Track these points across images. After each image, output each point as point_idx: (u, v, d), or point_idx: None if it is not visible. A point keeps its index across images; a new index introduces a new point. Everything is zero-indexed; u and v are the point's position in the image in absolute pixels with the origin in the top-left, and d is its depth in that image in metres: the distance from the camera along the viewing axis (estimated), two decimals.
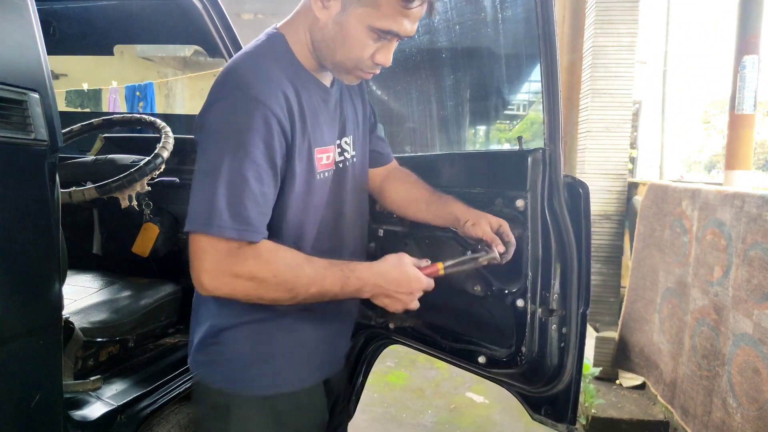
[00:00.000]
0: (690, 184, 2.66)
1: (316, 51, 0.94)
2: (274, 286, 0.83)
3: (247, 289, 0.82)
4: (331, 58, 0.93)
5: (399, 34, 0.89)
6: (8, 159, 0.82)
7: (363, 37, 0.88)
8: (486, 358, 1.26)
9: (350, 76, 0.96)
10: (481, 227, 1.08)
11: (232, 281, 0.81)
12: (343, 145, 1.04)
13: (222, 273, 0.81)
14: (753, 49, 3.22)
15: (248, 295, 0.83)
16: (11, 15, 0.84)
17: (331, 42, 0.90)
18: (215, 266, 0.81)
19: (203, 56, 7.46)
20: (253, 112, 0.83)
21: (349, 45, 0.89)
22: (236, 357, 0.97)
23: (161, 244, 1.71)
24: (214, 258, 0.81)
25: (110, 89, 6.07)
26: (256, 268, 0.82)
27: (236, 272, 0.81)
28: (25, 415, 0.88)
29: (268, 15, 7.19)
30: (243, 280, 0.82)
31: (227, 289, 0.82)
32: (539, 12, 1.07)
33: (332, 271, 0.87)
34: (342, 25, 0.88)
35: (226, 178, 0.81)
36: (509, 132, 12.91)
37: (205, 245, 0.81)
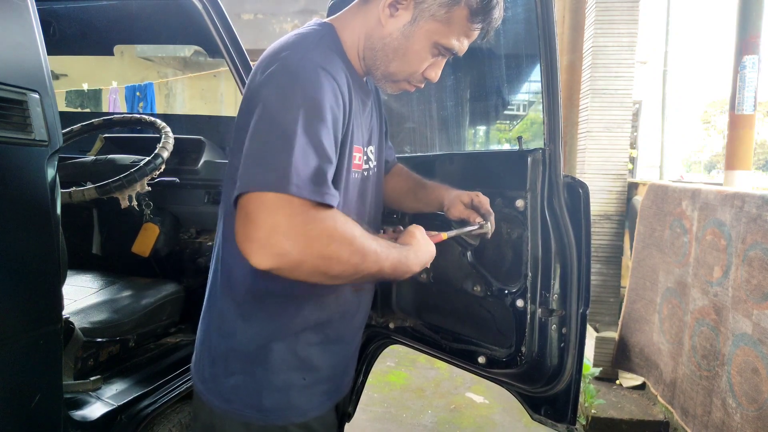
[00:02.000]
0: (690, 184, 2.66)
1: (367, 58, 0.91)
2: (348, 254, 0.73)
3: (322, 252, 0.71)
4: (384, 68, 0.91)
5: (457, 53, 0.90)
6: (8, 159, 0.83)
7: (425, 51, 0.88)
8: (486, 358, 1.26)
9: (395, 86, 0.94)
10: (456, 208, 1.10)
11: (306, 244, 0.69)
12: (369, 153, 1.02)
13: (297, 233, 0.69)
14: (753, 49, 3.22)
15: (321, 259, 0.71)
16: (11, 15, 0.84)
17: (391, 52, 0.88)
18: (290, 224, 0.69)
19: (203, 56, 7.46)
20: (322, 80, 0.77)
21: (410, 57, 0.88)
22: (251, 384, 0.90)
23: (161, 244, 1.71)
24: (288, 215, 0.69)
25: (110, 89, 6.07)
26: (335, 231, 0.72)
27: (314, 233, 0.70)
28: (25, 415, 0.88)
29: (268, 15, 7.19)
30: (320, 243, 0.70)
31: (298, 252, 0.69)
32: (539, 12, 1.07)
33: (388, 249, 0.82)
34: (408, 37, 0.87)
35: (302, 139, 0.72)
36: (509, 132, 12.91)
37: (276, 202, 0.69)
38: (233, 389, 0.90)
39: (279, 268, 0.70)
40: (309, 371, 0.94)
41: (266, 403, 0.90)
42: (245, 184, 0.71)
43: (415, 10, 0.85)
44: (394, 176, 1.26)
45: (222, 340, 0.92)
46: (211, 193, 1.75)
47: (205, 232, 1.82)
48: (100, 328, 1.35)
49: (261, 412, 0.90)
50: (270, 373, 0.90)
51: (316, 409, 0.96)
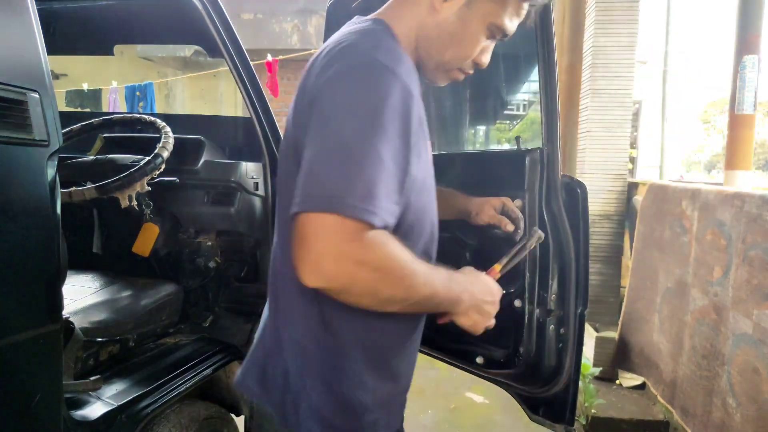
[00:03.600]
0: (690, 184, 2.66)
1: (422, 48, 0.87)
2: (395, 280, 0.72)
3: (369, 280, 0.69)
4: (439, 56, 0.87)
5: (507, 34, 0.87)
6: (8, 159, 0.83)
7: (480, 34, 0.85)
8: (484, 358, 1.26)
9: (447, 75, 0.92)
10: (486, 213, 1.08)
11: (355, 269, 0.68)
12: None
13: (346, 258, 0.67)
14: (753, 49, 3.22)
15: (364, 289, 0.70)
16: (11, 15, 0.84)
17: (448, 38, 0.85)
18: (339, 249, 0.67)
19: (203, 56, 7.45)
20: (391, 86, 0.72)
21: (466, 42, 0.86)
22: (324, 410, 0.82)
23: (161, 244, 1.72)
24: (339, 240, 0.67)
25: (110, 89, 6.06)
26: (383, 257, 0.70)
27: (362, 259, 0.68)
28: (25, 415, 0.88)
29: (268, 15, 7.19)
30: (367, 270, 0.69)
31: (346, 277, 0.68)
32: (537, 12, 1.07)
33: (438, 272, 0.79)
34: (464, 21, 0.84)
35: (360, 154, 0.69)
36: (509, 132, 12.90)
37: (329, 225, 0.67)
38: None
39: (328, 289, 0.70)
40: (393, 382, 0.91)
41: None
42: (301, 202, 0.69)
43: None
44: None
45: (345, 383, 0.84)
46: (211, 193, 1.75)
47: (205, 232, 1.82)
48: (100, 328, 1.35)
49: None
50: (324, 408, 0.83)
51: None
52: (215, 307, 1.81)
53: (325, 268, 0.68)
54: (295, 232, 0.70)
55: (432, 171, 0.90)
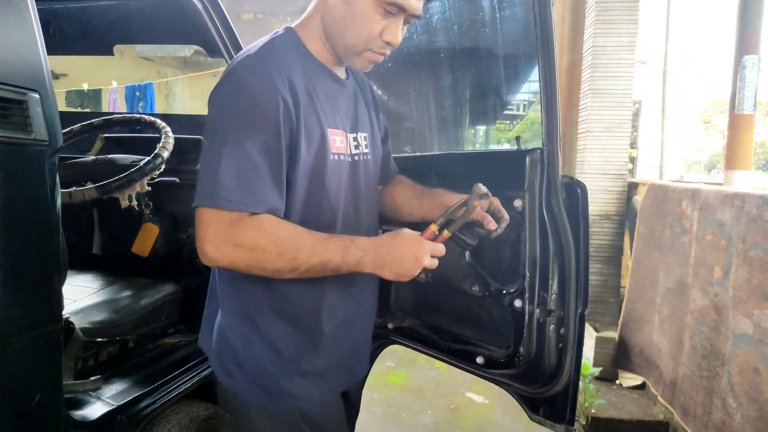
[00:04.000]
0: (690, 184, 2.66)
1: (328, 39, 0.95)
2: (275, 256, 0.84)
3: (249, 258, 0.84)
4: (342, 42, 0.94)
5: (404, 8, 0.90)
6: (8, 159, 0.83)
7: (371, 12, 0.89)
8: (484, 358, 1.26)
9: (361, 59, 0.96)
10: (476, 211, 1.08)
11: (233, 251, 0.83)
12: (360, 139, 1.05)
13: (224, 243, 0.83)
14: (753, 49, 3.22)
15: (249, 264, 0.85)
16: (11, 15, 0.84)
17: (341, 22, 0.92)
18: (218, 236, 0.83)
19: (203, 56, 7.46)
20: (256, 92, 0.86)
21: (358, 22, 0.90)
22: (253, 367, 0.97)
23: (161, 244, 1.71)
24: (216, 228, 0.83)
25: (110, 89, 6.07)
26: (258, 238, 0.83)
27: (238, 242, 0.83)
28: (25, 415, 0.88)
29: (268, 15, 7.19)
30: (245, 250, 0.83)
31: (228, 259, 0.84)
32: (537, 12, 1.07)
33: (333, 241, 0.88)
34: (350, 3, 0.90)
35: (229, 153, 0.84)
36: (509, 132, 12.91)
37: (208, 217, 0.84)
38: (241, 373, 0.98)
39: (218, 266, 0.88)
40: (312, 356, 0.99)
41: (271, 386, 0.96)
42: (195, 197, 0.85)
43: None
44: (395, 185, 1.25)
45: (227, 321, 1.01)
46: None
47: None
48: (100, 328, 1.35)
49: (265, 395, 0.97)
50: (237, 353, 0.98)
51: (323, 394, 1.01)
52: None
53: (209, 253, 0.84)
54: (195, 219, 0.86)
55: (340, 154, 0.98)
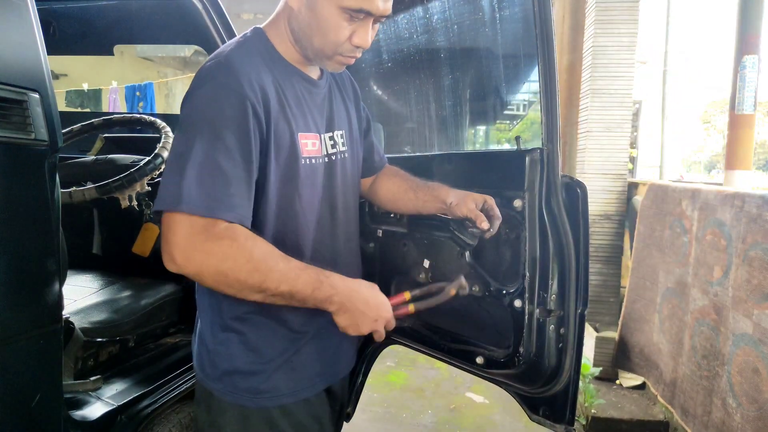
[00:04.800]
0: (690, 184, 2.66)
1: (297, 42, 0.95)
2: (246, 273, 0.80)
3: (218, 269, 0.79)
4: (310, 46, 0.93)
5: (371, 12, 0.88)
6: (8, 159, 0.83)
7: (336, 18, 0.88)
8: (484, 358, 1.26)
9: (332, 62, 0.95)
10: (466, 205, 1.08)
11: (203, 258, 0.79)
12: (336, 137, 1.04)
13: (193, 248, 0.79)
14: (753, 49, 3.22)
15: (217, 276, 0.80)
16: (11, 15, 0.84)
17: (307, 29, 0.91)
18: (187, 241, 0.79)
19: (203, 56, 7.45)
20: (225, 99, 0.84)
21: (324, 29, 0.89)
22: (232, 365, 0.95)
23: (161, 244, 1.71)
24: (186, 232, 0.79)
25: (110, 89, 6.07)
26: (231, 249, 0.79)
27: (209, 249, 0.79)
28: (25, 415, 0.88)
29: (268, 15, 7.19)
30: (216, 260, 0.79)
31: (196, 266, 0.79)
32: (537, 12, 1.07)
33: (307, 273, 0.85)
34: (313, 9, 0.88)
35: (197, 159, 0.81)
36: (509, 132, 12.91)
37: (179, 220, 0.79)
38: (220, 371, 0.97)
39: (184, 273, 0.81)
40: (293, 354, 0.98)
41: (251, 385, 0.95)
42: (157, 200, 0.82)
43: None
44: (389, 177, 1.25)
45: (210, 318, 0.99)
46: None
47: None
48: (100, 328, 1.35)
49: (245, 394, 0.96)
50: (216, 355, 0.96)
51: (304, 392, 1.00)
52: None
53: (177, 258, 0.79)
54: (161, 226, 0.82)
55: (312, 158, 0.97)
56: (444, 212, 1.16)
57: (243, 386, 0.95)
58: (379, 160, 1.26)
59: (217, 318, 0.97)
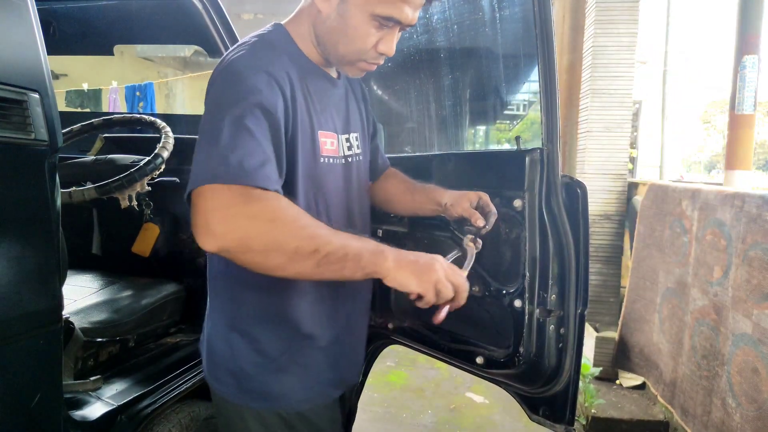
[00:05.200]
0: (690, 184, 2.66)
1: (320, 45, 0.94)
2: (295, 230, 0.74)
3: (267, 232, 0.72)
4: (334, 51, 0.92)
5: (400, 21, 0.88)
6: (8, 159, 0.83)
7: (365, 25, 0.87)
8: (484, 358, 1.26)
9: (354, 68, 0.95)
10: (461, 205, 1.08)
11: (248, 222, 0.72)
12: (352, 140, 1.04)
13: (236, 215, 0.72)
14: (753, 49, 3.22)
15: (266, 240, 0.72)
16: (11, 15, 0.84)
17: (334, 33, 0.90)
18: (228, 208, 0.72)
19: (203, 56, 7.46)
20: (256, 77, 0.81)
21: (352, 35, 0.89)
22: (248, 369, 0.94)
23: (162, 244, 1.71)
24: (225, 200, 0.72)
25: (110, 89, 6.07)
26: (276, 208, 0.74)
27: (253, 212, 0.72)
28: (25, 415, 0.88)
29: (268, 15, 7.19)
30: (262, 222, 0.72)
31: (240, 232, 0.71)
32: (537, 12, 1.07)
33: (348, 232, 0.81)
34: (344, 15, 0.87)
35: (230, 132, 0.76)
36: (509, 132, 12.91)
37: (213, 190, 0.73)
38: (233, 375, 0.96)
39: (225, 248, 0.73)
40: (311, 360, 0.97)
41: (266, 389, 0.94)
42: (190, 182, 0.76)
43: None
44: (387, 178, 1.25)
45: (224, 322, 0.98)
46: None
47: None
48: (100, 328, 1.35)
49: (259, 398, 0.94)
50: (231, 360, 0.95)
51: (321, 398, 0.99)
52: None
53: (217, 230, 0.71)
54: (191, 210, 0.75)
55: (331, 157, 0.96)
56: (440, 213, 1.15)
57: (256, 390, 0.94)
58: (382, 163, 1.26)
59: (233, 321, 0.95)
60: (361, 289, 1.09)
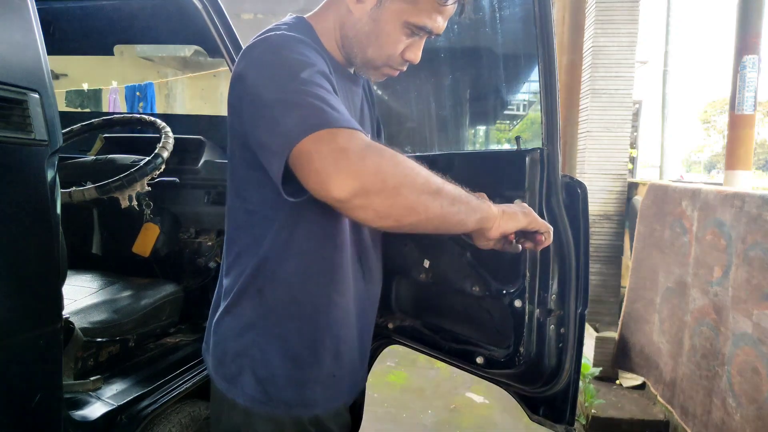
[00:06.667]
0: (690, 184, 2.66)
1: (346, 47, 0.92)
2: (415, 168, 0.71)
3: (394, 165, 0.68)
4: (361, 54, 0.91)
5: (432, 31, 0.88)
6: (8, 159, 0.83)
7: (397, 32, 0.87)
8: (484, 358, 1.26)
9: (378, 72, 0.95)
10: None
11: (379, 159, 0.67)
12: None
13: (364, 149, 0.67)
14: (753, 49, 3.21)
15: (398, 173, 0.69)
16: (11, 15, 0.84)
17: (364, 37, 0.89)
18: (356, 147, 0.67)
19: (203, 56, 7.46)
20: (304, 47, 0.79)
21: (383, 40, 0.88)
22: (262, 373, 0.89)
23: (162, 244, 1.71)
24: (348, 141, 0.67)
25: (110, 89, 6.07)
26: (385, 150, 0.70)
27: (379, 150, 0.68)
28: (25, 415, 0.88)
29: (268, 15, 7.19)
30: (388, 158, 0.68)
31: (375, 167, 0.67)
32: (537, 11, 1.07)
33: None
34: (377, 20, 0.87)
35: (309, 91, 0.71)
36: (509, 132, 12.91)
37: (332, 135, 0.66)
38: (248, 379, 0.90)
39: (365, 187, 0.66)
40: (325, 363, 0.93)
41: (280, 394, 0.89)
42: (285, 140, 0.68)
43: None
44: None
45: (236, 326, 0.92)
46: (211, 193, 1.75)
47: (205, 232, 1.82)
48: (100, 328, 1.35)
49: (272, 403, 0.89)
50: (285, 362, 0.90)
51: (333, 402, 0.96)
52: None
53: (351, 168, 0.65)
54: (299, 165, 0.68)
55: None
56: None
57: (278, 396, 0.89)
58: None
59: (253, 320, 0.89)
60: (374, 300, 1.07)
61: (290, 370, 0.90)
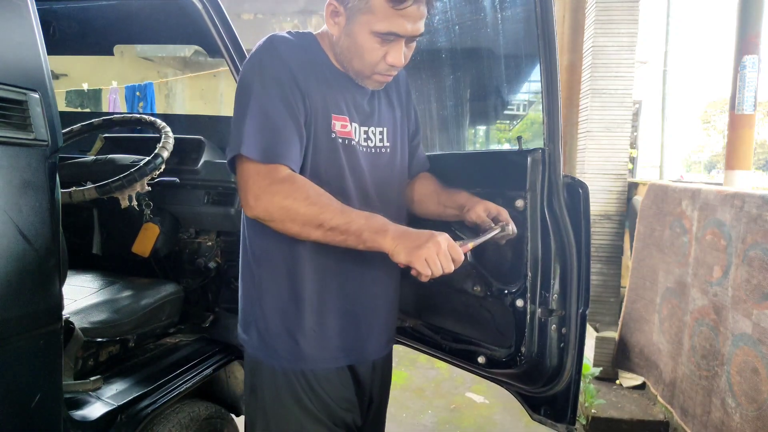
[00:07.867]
0: (690, 184, 2.66)
1: (339, 62, 1.06)
2: (304, 206, 0.90)
3: (282, 204, 0.91)
4: (351, 67, 1.04)
5: (399, 34, 0.96)
6: (8, 159, 0.83)
7: (369, 42, 0.97)
8: (485, 358, 1.26)
9: (371, 80, 1.05)
10: (476, 212, 1.11)
11: (269, 197, 0.91)
12: (370, 134, 1.11)
13: (261, 191, 0.91)
14: (753, 49, 3.21)
15: (281, 210, 0.91)
16: (11, 15, 0.84)
17: (347, 52, 1.01)
18: (256, 185, 0.92)
19: (203, 56, 7.46)
20: (276, 67, 0.97)
21: (361, 52, 0.99)
22: (265, 327, 1.06)
23: (162, 244, 1.71)
24: (254, 179, 0.93)
25: (110, 89, 6.07)
26: (291, 188, 0.92)
27: (274, 190, 0.91)
28: (25, 415, 0.88)
29: (268, 15, 7.19)
30: (279, 197, 0.91)
31: (264, 204, 0.92)
32: (538, 12, 1.07)
33: (356, 210, 0.94)
34: (351, 35, 0.98)
35: (252, 114, 0.94)
36: (509, 132, 12.91)
37: (246, 170, 0.94)
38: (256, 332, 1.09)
39: (259, 218, 0.94)
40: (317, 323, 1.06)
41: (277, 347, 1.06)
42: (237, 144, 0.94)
43: (346, 11, 0.97)
44: (420, 180, 1.27)
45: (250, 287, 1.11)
46: (211, 194, 1.75)
47: (205, 232, 1.82)
48: (100, 328, 1.35)
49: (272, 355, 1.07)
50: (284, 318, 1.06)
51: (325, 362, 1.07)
52: (215, 308, 1.81)
53: (250, 201, 0.93)
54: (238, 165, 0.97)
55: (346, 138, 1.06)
56: (459, 218, 1.17)
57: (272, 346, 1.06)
58: (417, 164, 1.28)
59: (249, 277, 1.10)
60: (373, 269, 1.10)
61: (279, 321, 1.05)
